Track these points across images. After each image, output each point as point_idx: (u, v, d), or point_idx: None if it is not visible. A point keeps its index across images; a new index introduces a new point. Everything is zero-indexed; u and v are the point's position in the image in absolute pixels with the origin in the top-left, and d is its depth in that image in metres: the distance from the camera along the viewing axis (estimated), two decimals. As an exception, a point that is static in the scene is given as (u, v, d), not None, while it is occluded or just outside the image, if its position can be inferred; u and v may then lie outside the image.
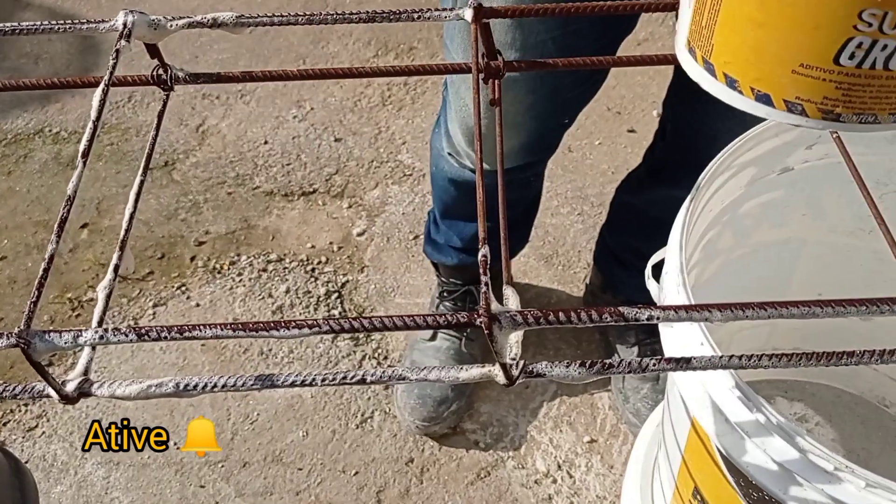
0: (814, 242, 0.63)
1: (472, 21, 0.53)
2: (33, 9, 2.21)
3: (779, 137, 0.55)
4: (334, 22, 0.53)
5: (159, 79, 0.56)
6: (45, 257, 0.40)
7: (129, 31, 0.51)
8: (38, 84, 0.57)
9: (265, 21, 0.52)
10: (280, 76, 0.58)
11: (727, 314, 0.37)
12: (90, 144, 0.45)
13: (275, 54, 2.03)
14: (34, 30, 0.53)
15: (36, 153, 1.78)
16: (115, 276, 0.45)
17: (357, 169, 1.72)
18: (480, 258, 0.38)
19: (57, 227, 0.42)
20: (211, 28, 0.53)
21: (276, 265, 1.53)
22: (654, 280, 0.52)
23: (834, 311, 0.37)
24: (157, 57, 0.55)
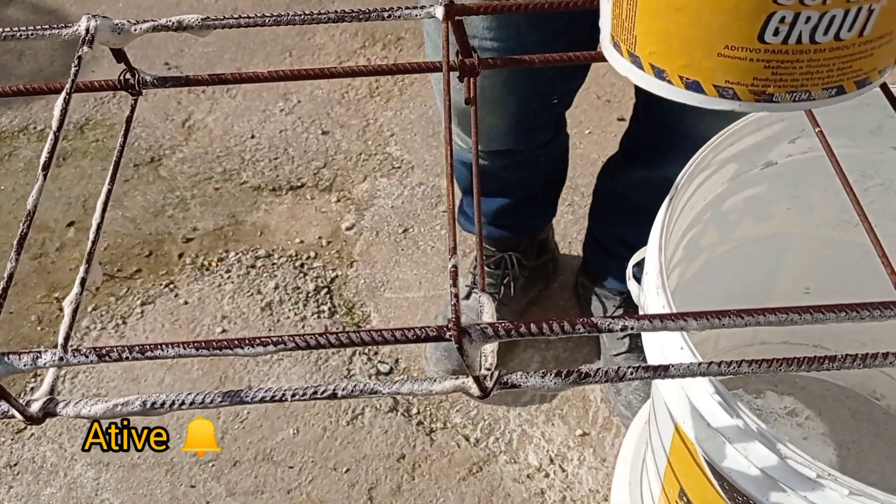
0: (799, 236, 0.62)
1: (444, 19, 0.51)
2: (16, 4, 2.19)
3: (761, 132, 0.53)
4: (302, 23, 0.52)
5: (127, 83, 0.55)
6: (4, 276, 0.39)
7: (93, 36, 0.49)
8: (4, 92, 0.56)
9: (231, 23, 0.51)
10: (250, 78, 0.57)
11: (703, 323, 0.36)
12: (51, 156, 0.44)
13: (261, 47, 2.01)
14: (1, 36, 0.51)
15: (21, 151, 1.76)
16: (81, 290, 0.44)
17: (345, 162, 1.71)
18: (450, 269, 0.37)
19: (16, 243, 0.41)
20: (176, 31, 0.51)
21: (264, 261, 1.51)
22: (635, 281, 0.51)
23: (813, 318, 0.36)
24: (123, 61, 0.54)
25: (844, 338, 0.74)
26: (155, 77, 0.55)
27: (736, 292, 0.67)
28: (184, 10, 2.10)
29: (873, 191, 0.59)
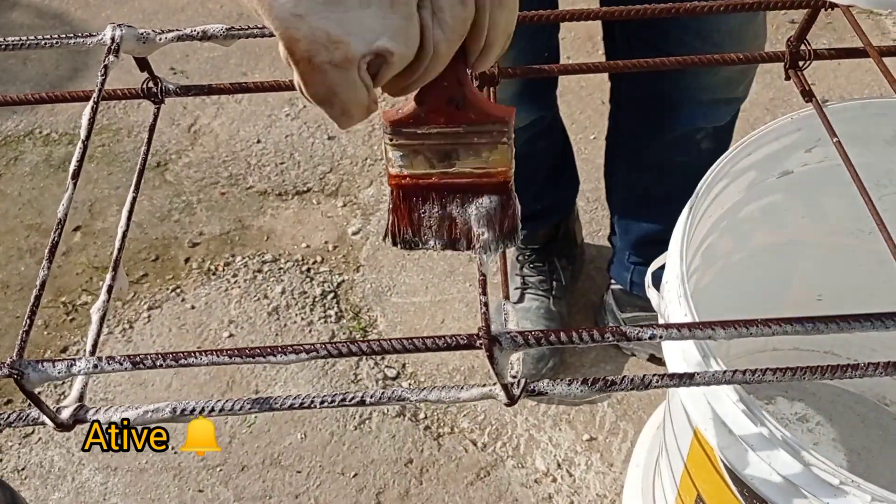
0: (813, 244, 0.63)
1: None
2: (20, 8, 2.19)
3: (778, 142, 0.54)
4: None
5: (150, 92, 0.56)
6: (37, 283, 0.40)
7: (118, 45, 0.50)
8: (27, 99, 0.56)
9: (255, 33, 0.52)
10: (272, 87, 0.57)
11: (731, 332, 0.36)
12: (80, 165, 0.45)
13: (266, 51, 2.01)
14: (21, 45, 0.52)
15: (27, 155, 1.76)
16: (108, 298, 0.44)
17: (351, 167, 1.71)
18: (479, 278, 0.38)
19: (48, 252, 0.41)
20: (201, 41, 0.52)
21: (271, 266, 1.52)
22: (654, 288, 0.51)
23: (839, 328, 0.36)
24: (146, 70, 0.54)
25: (855, 344, 0.75)
26: (178, 86, 0.56)
27: (749, 299, 0.67)
28: (188, 16, 2.11)
29: (887, 199, 0.59)
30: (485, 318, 0.37)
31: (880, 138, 0.56)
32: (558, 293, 1.35)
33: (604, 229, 1.54)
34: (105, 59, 0.49)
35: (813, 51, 0.53)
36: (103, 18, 2.12)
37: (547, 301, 1.34)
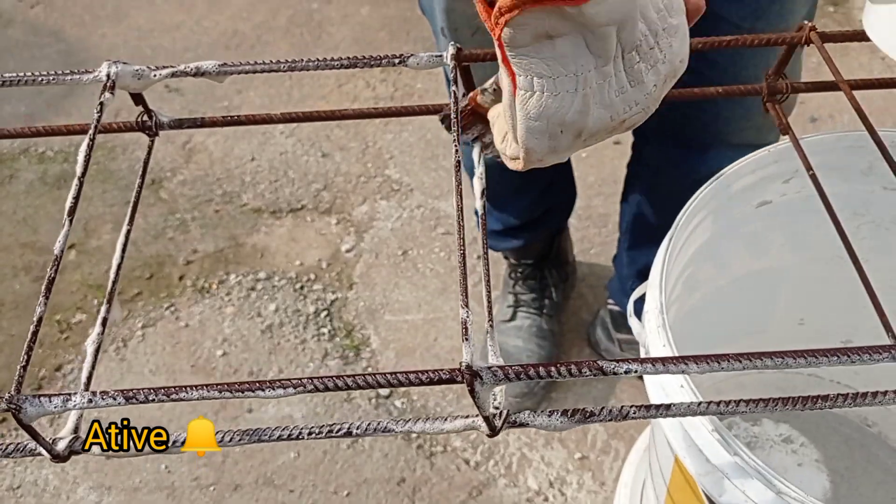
0: (794, 271, 0.64)
1: (453, 61, 0.53)
2: (16, 25, 2.21)
3: (755, 173, 0.56)
4: (315, 68, 0.54)
5: (144, 125, 0.57)
6: (34, 319, 0.41)
7: (114, 82, 0.51)
8: (23, 132, 0.58)
9: (247, 69, 0.53)
10: (263, 120, 0.59)
11: (703, 367, 0.37)
12: (76, 202, 0.46)
13: (260, 70, 2.03)
14: (19, 80, 0.53)
15: (21, 173, 1.77)
16: (102, 330, 0.45)
17: (345, 184, 1.72)
18: (462, 319, 0.39)
19: (44, 288, 0.42)
20: (194, 77, 0.53)
21: (264, 283, 1.53)
22: (636, 318, 0.53)
23: (807, 362, 0.38)
24: (141, 104, 0.56)
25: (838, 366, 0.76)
26: (172, 119, 0.57)
27: (733, 324, 0.69)
28: (184, 34, 2.13)
29: (865, 228, 0.61)
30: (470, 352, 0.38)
31: (856, 169, 0.57)
32: (550, 311, 1.36)
33: (595, 247, 1.56)
34: (101, 95, 0.51)
35: (790, 84, 0.55)
36: (99, 36, 2.14)
37: (539, 319, 1.35)
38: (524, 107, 0.40)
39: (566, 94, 0.39)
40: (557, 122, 0.40)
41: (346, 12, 2.17)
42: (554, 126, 0.40)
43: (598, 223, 1.60)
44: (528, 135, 0.41)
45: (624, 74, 0.40)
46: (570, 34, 0.37)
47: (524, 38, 0.37)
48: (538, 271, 1.36)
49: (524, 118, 0.41)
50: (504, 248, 1.33)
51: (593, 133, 0.41)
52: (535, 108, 0.40)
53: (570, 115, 0.40)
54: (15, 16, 2.22)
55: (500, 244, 1.31)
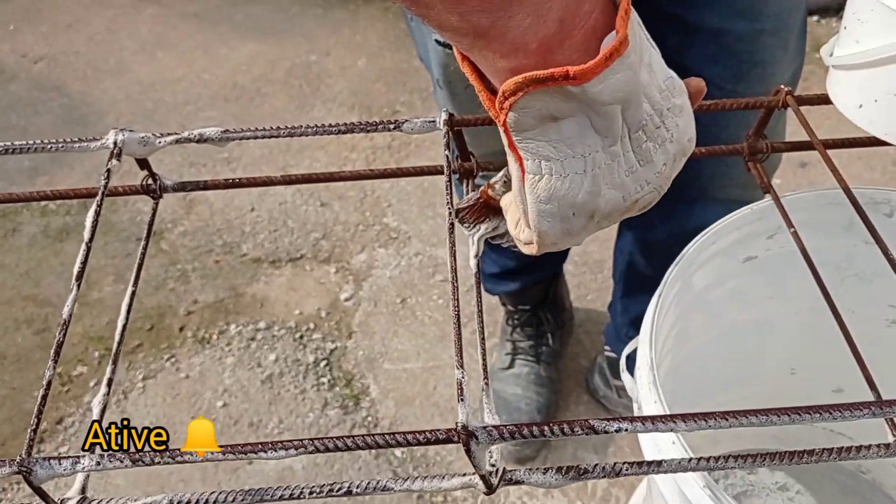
0: (782, 322, 0.65)
1: (445, 126, 0.56)
2: (19, 81, 2.25)
3: (740, 230, 0.57)
4: (314, 134, 0.56)
5: (148, 188, 0.59)
6: (43, 384, 0.42)
7: (120, 149, 0.53)
8: (32, 197, 0.59)
9: (248, 135, 0.55)
10: (263, 182, 0.61)
11: (692, 425, 0.39)
12: (84, 267, 0.48)
13: (259, 121, 2.07)
14: (28, 148, 0.55)
15: (24, 226, 1.79)
16: (108, 391, 0.47)
17: (343, 233, 1.75)
18: (457, 379, 0.40)
19: (53, 352, 0.44)
20: (198, 143, 0.55)
21: (264, 333, 1.54)
22: (628, 373, 0.54)
23: (791, 419, 0.39)
24: (146, 168, 0.58)
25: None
26: (175, 182, 0.59)
27: (725, 375, 0.70)
28: (184, 87, 2.17)
29: (849, 280, 0.63)
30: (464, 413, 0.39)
31: (838, 224, 0.59)
32: (548, 358, 1.37)
33: (591, 293, 1.57)
34: (108, 162, 0.53)
35: (770, 144, 0.57)
36: (101, 90, 2.18)
37: (537, 366, 1.36)
38: (534, 190, 0.40)
39: (575, 176, 0.39)
40: (568, 204, 0.40)
41: (343, 64, 2.21)
42: (565, 208, 0.40)
43: (594, 269, 1.62)
44: (539, 218, 0.41)
45: (632, 154, 0.40)
46: (575, 115, 0.37)
47: (529, 122, 0.38)
48: (535, 318, 1.38)
49: (535, 202, 0.40)
50: (501, 291, 1.34)
51: (606, 214, 0.41)
52: (545, 191, 0.40)
53: (580, 197, 0.40)
54: (18, 72, 2.27)
55: (497, 287, 1.33)
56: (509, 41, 0.35)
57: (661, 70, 0.41)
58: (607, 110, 0.37)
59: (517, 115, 0.37)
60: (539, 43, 0.35)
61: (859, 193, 0.52)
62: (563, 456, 1.29)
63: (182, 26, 2.40)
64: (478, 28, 0.35)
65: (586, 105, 0.37)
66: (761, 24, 0.79)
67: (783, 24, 0.80)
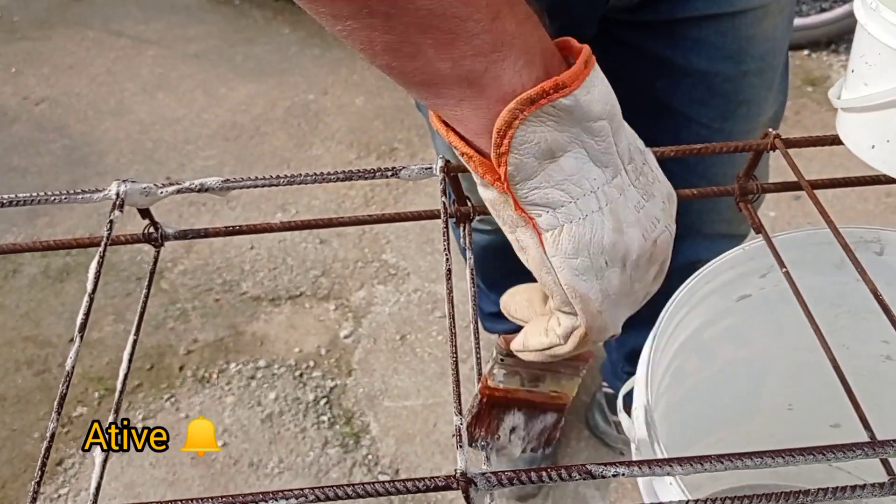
0: (778, 359, 0.66)
1: (441, 173, 0.57)
2: (21, 123, 2.27)
3: (733, 270, 0.58)
4: (313, 182, 0.57)
5: (150, 237, 0.60)
6: (47, 435, 0.43)
7: (122, 200, 0.54)
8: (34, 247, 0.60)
9: (248, 184, 0.56)
10: (264, 229, 0.62)
11: (688, 468, 0.39)
12: (86, 318, 0.48)
13: (259, 159, 2.09)
14: (32, 200, 0.56)
15: (25, 267, 1.80)
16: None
17: (342, 270, 1.75)
18: (456, 425, 0.41)
19: (56, 403, 0.44)
20: (199, 192, 0.56)
21: (264, 371, 1.54)
22: (625, 413, 0.55)
23: (785, 461, 0.39)
24: (148, 217, 0.59)
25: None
26: (176, 230, 0.60)
27: (723, 413, 0.70)
28: (184, 126, 2.19)
29: (842, 317, 0.63)
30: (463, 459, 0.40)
31: (829, 263, 0.60)
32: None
33: (590, 327, 1.57)
34: (110, 213, 0.54)
35: (760, 185, 0.58)
36: (102, 131, 2.21)
37: None
38: (558, 247, 0.37)
39: (593, 215, 0.37)
40: (598, 249, 0.37)
41: (341, 103, 2.24)
42: (596, 256, 0.37)
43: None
44: (574, 279, 0.38)
45: (634, 189, 0.39)
46: (570, 147, 0.36)
47: (531, 164, 0.36)
48: None
49: (563, 260, 0.37)
50: (499, 330, 1.35)
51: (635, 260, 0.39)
52: (570, 241, 0.37)
53: (607, 238, 0.37)
54: (20, 113, 2.30)
55: (496, 326, 1.33)
56: (504, 84, 0.35)
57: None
58: (601, 128, 0.36)
59: (518, 156, 0.36)
60: (533, 85, 0.35)
61: (848, 233, 0.53)
62: (564, 492, 1.29)
63: (182, 67, 2.43)
64: (472, 74, 0.34)
65: (579, 127, 0.36)
66: (746, 66, 0.81)
67: (767, 64, 0.82)
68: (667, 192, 0.42)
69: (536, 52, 0.35)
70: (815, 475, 0.79)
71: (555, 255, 0.38)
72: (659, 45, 0.81)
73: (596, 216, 0.37)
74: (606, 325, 0.40)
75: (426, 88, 0.36)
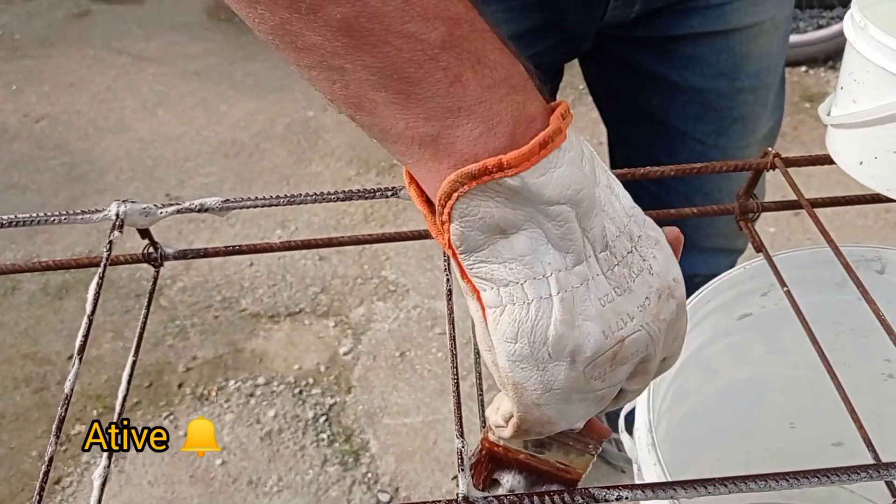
0: (779, 377, 0.66)
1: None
2: (21, 140, 2.28)
3: (734, 289, 0.58)
4: (313, 202, 0.57)
5: (150, 256, 0.60)
6: (45, 459, 0.42)
7: (122, 220, 0.54)
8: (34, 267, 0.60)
9: (248, 204, 0.56)
10: (264, 248, 0.62)
11: (692, 492, 0.39)
12: (86, 340, 0.48)
13: (259, 175, 2.09)
14: (32, 221, 0.56)
15: (24, 285, 1.80)
16: (108, 463, 0.47)
17: (342, 286, 1.75)
18: (457, 448, 0.40)
19: (56, 427, 0.44)
20: (199, 213, 0.56)
21: (263, 389, 1.53)
22: (627, 433, 0.54)
23: (789, 484, 0.39)
24: (147, 238, 0.59)
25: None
26: (175, 250, 0.60)
27: (724, 431, 0.70)
28: (185, 144, 2.20)
29: (844, 335, 0.63)
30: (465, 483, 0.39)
31: (831, 281, 0.60)
32: None
33: (590, 343, 1.57)
34: (110, 234, 0.54)
35: (760, 204, 0.58)
36: (102, 148, 2.21)
37: None
38: (497, 328, 0.34)
39: (540, 302, 0.34)
40: (540, 339, 0.34)
41: (340, 119, 2.23)
42: (538, 346, 0.34)
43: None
44: (511, 365, 0.35)
45: (604, 279, 0.35)
46: (525, 226, 0.33)
47: (476, 237, 0.33)
48: None
49: (501, 342, 0.35)
50: None
51: (591, 357, 0.35)
52: (509, 324, 0.34)
53: (552, 329, 0.34)
54: (21, 131, 2.30)
55: None
56: (457, 152, 0.33)
57: (627, 199, 0.37)
58: (559, 213, 0.33)
59: (460, 227, 0.33)
60: (490, 155, 0.32)
61: (849, 252, 0.53)
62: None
63: (182, 85, 2.44)
64: (425, 137, 0.33)
65: (533, 208, 0.33)
66: (741, 83, 0.81)
67: (762, 82, 0.82)
68: (658, 286, 0.37)
69: (503, 121, 0.33)
70: (817, 493, 0.79)
71: (493, 334, 0.35)
72: (654, 62, 0.82)
73: (544, 303, 0.34)
74: (549, 419, 0.37)
75: (386, 143, 0.34)
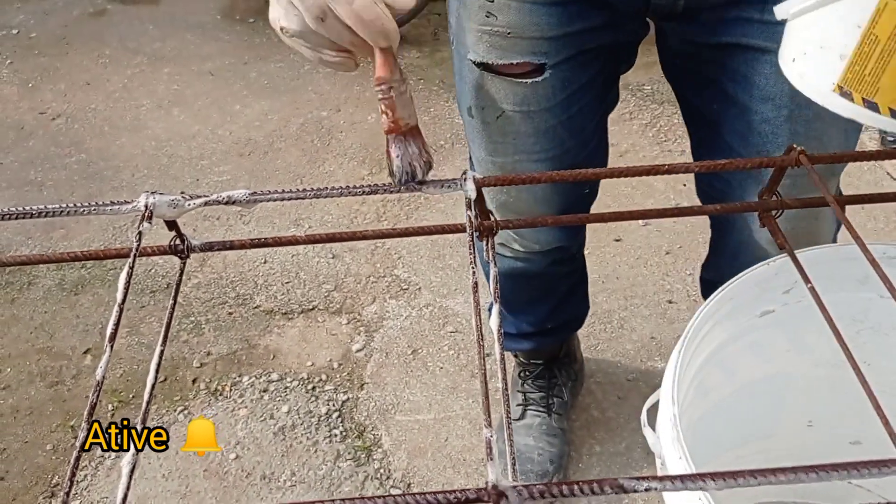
0: (799, 375, 0.66)
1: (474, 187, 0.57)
2: (37, 138, 2.29)
3: (758, 286, 0.58)
4: (339, 195, 0.58)
5: (176, 248, 0.60)
6: (70, 461, 0.43)
7: (151, 212, 0.55)
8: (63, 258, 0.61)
9: (275, 197, 0.57)
10: (289, 241, 0.62)
11: (721, 483, 0.39)
12: (116, 329, 0.49)
13: (273, 175, 2.10)
14: (60, 212, 0.57)
15: (40, 280, 1.81)
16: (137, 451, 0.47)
17: (355, 285, 1.76)
18: (486, 438, 0.41)
19: (87, 413, 0.45)
20: (226, 205, 0.57)
21: (276, 385, 1.54)
22: (649, 427, 0.55)
23: (818, 476, 0.39)
24: (175, 229, 0.59)
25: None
26: (202, 242, 0.61)
27: (744, 428, 0.70)
28: (199, 142, 2.21)
29: (865, 333, 0.63)
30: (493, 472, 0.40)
31: (853, 279, 0.60)
32: (559, 409, 1.37)
33: (601, 343, 1.57)
34: (139, 225, 0.54)
35: (783, 200, 0.58)
36: (117, 146, 2.22)
37: (548, 418, 1.36)
38: None
39: None
40: None
41: (353, 119, 2.25)
42: None
43: (602, 319, 1.62)
44: None
45: None
46: None
47: None
48: (548, 371, 1.38)
49: None
50: (515, 349, 1.35)
51: None
52: None
53: None
54: (37, 128, 2.32)
55: (512, 345, 1.33)
56: None
57: None
58: None
59: None
60: None
61: (872, 249, 0.53)
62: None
63: (197, 84, 2.46)
64: None
65: None
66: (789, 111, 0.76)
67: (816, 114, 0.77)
68: None
69: None
70: (833, 492, 0.79)
71: None
72: (712, 69, 0.81)
73: None
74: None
75: None
